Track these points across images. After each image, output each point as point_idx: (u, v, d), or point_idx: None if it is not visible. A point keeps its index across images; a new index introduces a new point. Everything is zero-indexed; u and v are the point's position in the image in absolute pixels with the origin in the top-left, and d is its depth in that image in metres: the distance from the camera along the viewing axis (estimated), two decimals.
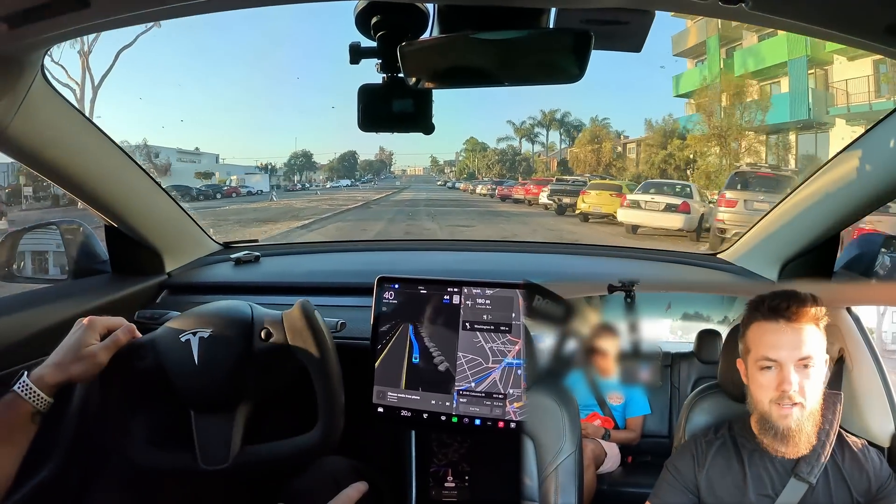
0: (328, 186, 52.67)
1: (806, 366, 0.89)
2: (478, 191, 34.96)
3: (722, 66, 22.93)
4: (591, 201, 15.86)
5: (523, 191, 24.93)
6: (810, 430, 0.90)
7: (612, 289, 1.16)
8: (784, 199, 1.42)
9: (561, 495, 1.06)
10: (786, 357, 0.89)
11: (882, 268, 1.36)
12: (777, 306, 0.91)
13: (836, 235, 1.32)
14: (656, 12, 0.83)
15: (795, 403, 0.89)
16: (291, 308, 1.03)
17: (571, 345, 1.15)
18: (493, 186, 31.97)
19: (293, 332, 1.02)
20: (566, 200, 18.27)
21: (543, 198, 20.57)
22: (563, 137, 43.18)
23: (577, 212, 16.46)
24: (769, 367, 0.90)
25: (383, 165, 66.99)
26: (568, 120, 42.36)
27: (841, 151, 1.24)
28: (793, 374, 0.89)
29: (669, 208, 12.37)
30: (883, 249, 1.37)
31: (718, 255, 1.69)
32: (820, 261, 1.36)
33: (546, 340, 1.14)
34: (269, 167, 48.95)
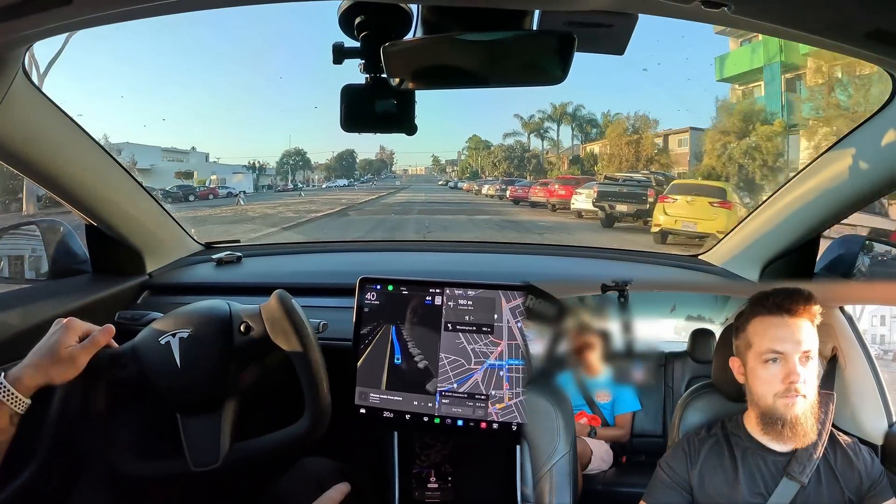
0: (324, 186, 48.64)
1: (808, 358, 0.92)
2: (483, 191, 30.29)
3: (782, 44, 18.05)
4: (677, 213, 10.83)
5: (544, 192, 19.74)
6: (812, 423, 0.92)
7: (605, 288, 1.17)
8: (765, 202, 1.44)
9: (556, 495, 1.06)
10: (791, 350, 0.91)
11: (862, 269, 1.38)
12: (781, 303, 0.93)
13: (817, 237, 1.34)
14: (640, 15, 0.83)
15: (800, 395, 0.91)
16: (269, 300, 1.03)
17: (562, 345, 1.16)
18: (503, 186, 26.83)
19: (272, 323, 1.01)
20: (622, 208, 13.40)
21: (580, 202, 15.66)
22: (575, 133, 37.44)
23: (655, 228, 11.20)
24: (774, 360, 0.92)
25: (384, 165, 63.32)
26: (581, 114, 36.82)
27: (821, 154, 1.25)
28: (798, 366, 0.91)
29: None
30: (863, 251, 1.38)
31: (700, 257, 1.70)
32: (800, 262, 1.37)
33: (539, 341, 1.14)
34: (258, 166, 46.12)
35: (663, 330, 1.24)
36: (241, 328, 1.03)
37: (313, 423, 1.01)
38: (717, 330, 1.12)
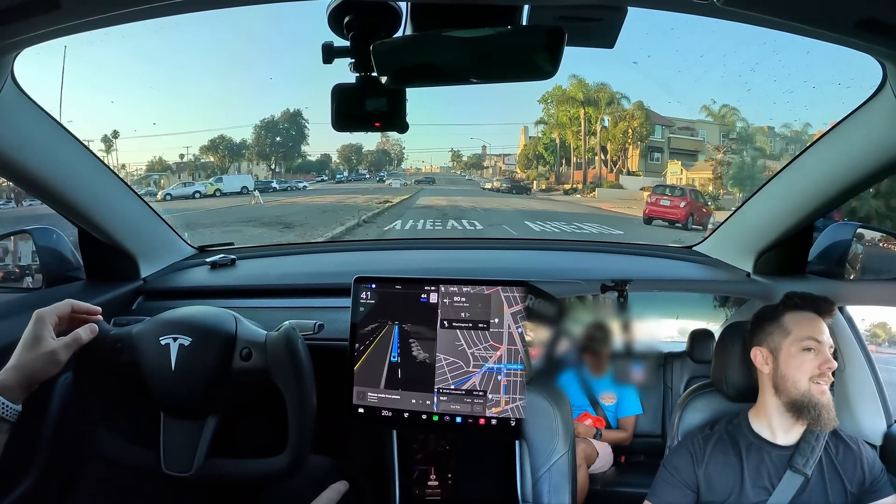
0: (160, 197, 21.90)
1: (833, 354, 0.99)
2: None
3: None
4: None
5: None
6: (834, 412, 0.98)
7: (604, 288, 1.17)
8: (757, 191, 1.44)
9: (554, 495, 1.07)
10: (825, 342, 0.98)
11: (854, 258, 1.39)
12: (815, 302, 1.01)
13: (810, 226, 1.34)
14: (629, 8, 0.83)
15: (832, 381, 0.98)
16: (276, 332, 1.04)
17: (563, 345, 1.15)
18: None
19: (274, 358, 1.02)
20: None
21: None
22: None
23: None
24: (810, 349, 0.98)
25: (386, 157, 41.38)
26: None
27: (813, 143, 1.25)
28: (830, 357, 0.98)
29: None
30: (855, 238, 1.39)
31: (694, 248, 1.70)
32: (794, 251, 1.38)
33: (539, 341, 1.14)
34: None
35: (663, 330, 1.24)
36: (243, 353, 1.03)
37: (291, 463, 1.02)
38: (717, 330, 1.13)
